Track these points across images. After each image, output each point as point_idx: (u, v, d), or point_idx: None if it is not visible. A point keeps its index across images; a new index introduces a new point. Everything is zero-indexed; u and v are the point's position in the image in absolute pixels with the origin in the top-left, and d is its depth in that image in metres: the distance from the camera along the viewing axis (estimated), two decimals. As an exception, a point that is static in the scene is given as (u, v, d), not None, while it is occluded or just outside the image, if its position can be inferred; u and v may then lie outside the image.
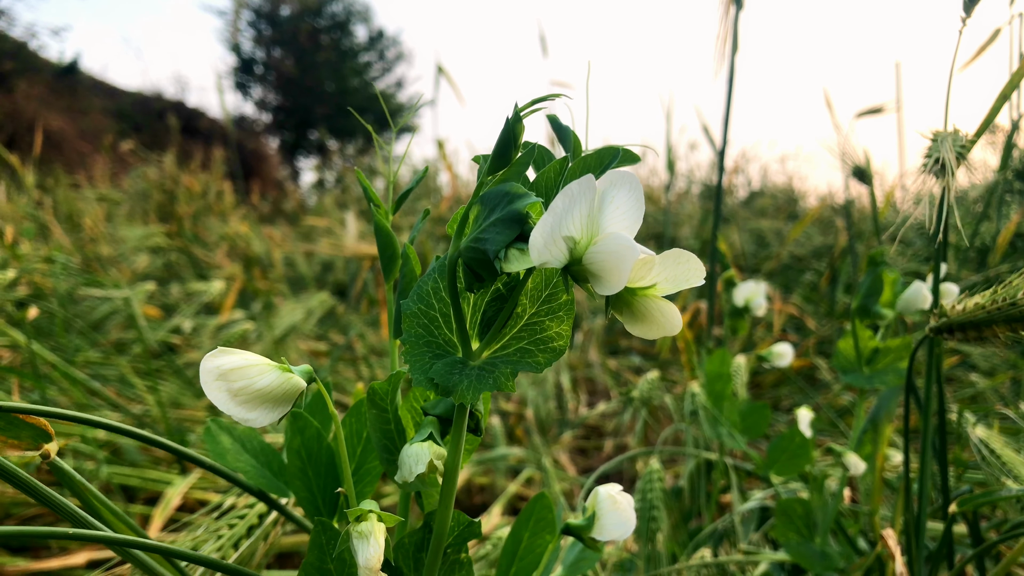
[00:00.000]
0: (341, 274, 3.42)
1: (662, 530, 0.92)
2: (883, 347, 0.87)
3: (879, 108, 1.81)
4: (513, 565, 0.52)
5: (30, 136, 8.19)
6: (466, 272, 0.36)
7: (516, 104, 0.35)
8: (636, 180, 0.33)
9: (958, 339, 0.55)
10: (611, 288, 0.33)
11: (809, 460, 0.94)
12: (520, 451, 1.77)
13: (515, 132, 0.34)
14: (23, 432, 0.40)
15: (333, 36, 16.79)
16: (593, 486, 1.03)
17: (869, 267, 0.84)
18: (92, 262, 2.70)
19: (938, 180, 0.63)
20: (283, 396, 0.37)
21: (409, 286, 0.45)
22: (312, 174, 14.07)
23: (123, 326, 2.24)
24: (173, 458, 1.54)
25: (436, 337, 0.38)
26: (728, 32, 1.15)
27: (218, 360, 0.35)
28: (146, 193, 4.26)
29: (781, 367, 1.09)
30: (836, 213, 3.95)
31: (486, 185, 0.36)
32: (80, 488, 0.43)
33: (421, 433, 0.40)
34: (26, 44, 11.62)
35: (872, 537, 1.02)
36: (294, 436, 0.46)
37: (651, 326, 0.36)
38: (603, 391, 2.44)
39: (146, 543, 0.39)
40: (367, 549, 0.36)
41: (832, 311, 2.65)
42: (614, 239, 0.32)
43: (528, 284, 0.38)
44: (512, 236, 0.33)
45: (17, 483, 0.38)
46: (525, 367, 0.37)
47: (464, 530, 0.41)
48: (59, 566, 1.21)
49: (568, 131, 0.40)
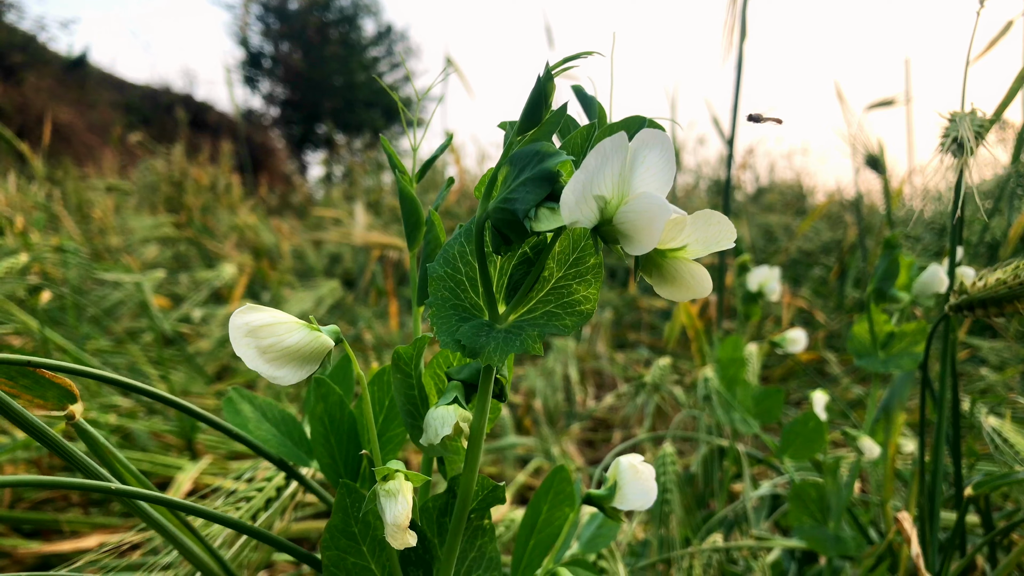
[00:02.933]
0: (349, 264, 3.42)
1: (675, 513, 0.92)
2: (898, 331, 0.86)
3: (890, 100, 1.80)
4: (532, 537, 0.52)
5: (39, 128, 8.20)
6: (494, 234, 0.36)
7: (547, 62, 0.35)
8: (668, 140, 0.33)
9: (978, 315, 0.55)
10: (642, 248, 0.33)
11: (823, 444, 0.94)
12: (529, 441, 1.77)
13: (546, 91, 0.34)
14: (49, 392, 0.40)
15: (341, 30, 16.80)
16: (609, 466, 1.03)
17: (885, 251, 0.84)
18: (102, 252, 2.71)
19: (956, 159, 0.63)
20: (311, 354, 0.37)
21: (434, 252, 0.45)
22: (319, 168, 14.10)
23: (133, 315, 2.24)
24: (183, 444, 1.55)
25: (463, 300, 0.38)
26: (736, 20, 1.14)
27: (247, 316, 0.35)
28: (154, 185, 4.27)
29: (794, 353, 1.08)
30: (844, 208, 3.94)
31: (515, 145, 0.36)
32: (104, 451, 0.44)
33: (446, 397, 0.40)
34: (35, 37, 11.66)
35: (883, 528, 1.02)
36: (317, 402, 0.46)
37: (681, 288, 0.36)
38: (611, 384, 2.44)
39: (173, 500, 0.39)
40: (395, 506, 0.36)
41: (841, 305, 2.64)
42: (646, 198, 0.32)
43: (555, 247, 0.38)
44: (543, 195, 0.33)
45: (45, 440, 0.39)
46: (552, 330, 0.37)
47: (488, 495, 0.41)
48: (71, 549, 1.22)
49: (593, 100, 0.40)
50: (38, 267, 1.97)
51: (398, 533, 0.35)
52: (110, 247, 2.82)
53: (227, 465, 1.50)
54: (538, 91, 0.34)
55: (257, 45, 16.56)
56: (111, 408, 1.56)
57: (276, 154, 13.63)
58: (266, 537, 0.45)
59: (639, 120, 0.38)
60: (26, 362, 0.38)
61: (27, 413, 0.37)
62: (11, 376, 0.39)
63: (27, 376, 0.39)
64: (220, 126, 12.13)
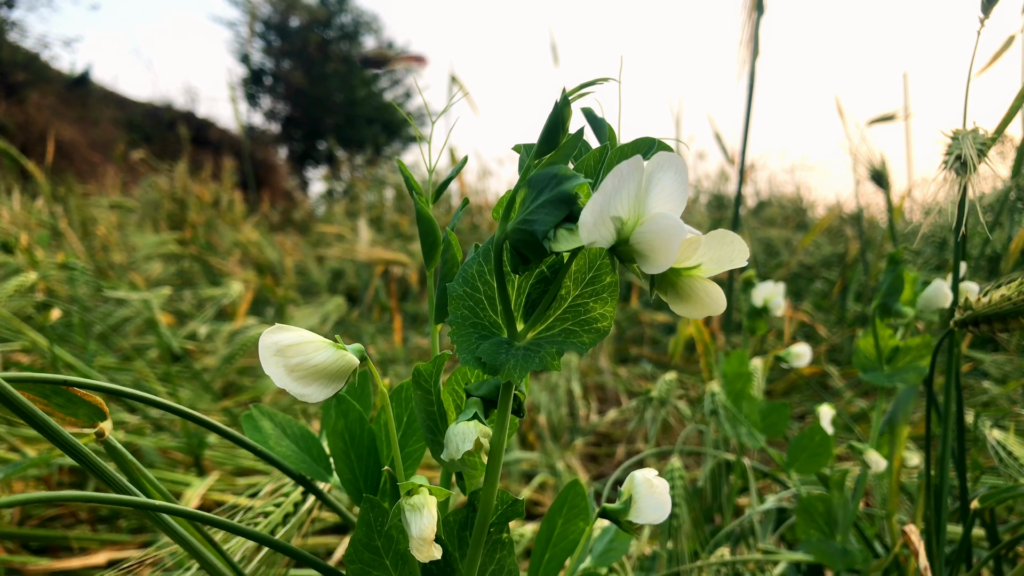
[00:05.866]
0: (352, 280, 3.44)
1: (684, 527, 0.93)
2: (903, 346, 0.87)
3: (891, 115, 1.82)
4: (547, 551, 0.53)
5: (41, 146, 8.24)
6: (512, 254, 0.37)
7: (564, 89, 0.36)
8: (682, 162, 0.34)
9: (983, 331, 0.56)
10: (658, 267, 0.34)
11: (830, 457, 0.94)
12: (534, 456, 1.77)
13: (563, 116, 0.36)
14: (80, 410, 0.41)
15: (342, 47, 16.90)
16: (619, 480, 1.04)
17: (889, 266, 0.85)
18: (105, 269, 2.72)
19: (959, 177, 0.64)
20: (337, 372, 0.38)
21: (451, 271, 0.46)
22: (321, 184, 14.14)
23: (137, 331, 2.25)
24: (191, 460, 1.55)
25: (481, 319, 0.40)
26: (749, 37, 1.16)
27: (276, 336, 0.36)
28: (157, 202, 4.29)
29: (799, 367, 1.09)
30: (845, 223, 3.96)
31: (532, 169, 0.37)
32: (131, 467, 0.45)
33: (466, 413, 0.41)
34: (38, 55, 11.74)
35: (888, 542, 1.02)
36: (338, 419, 0.47)
37: (696, 305, 0.37)
38: (613, 398, 2.44)
39: (208, 517, 0.40)
40: (420, 520, 0.37)
41: (843, 319, 2.65)
42: (662, 219, 0.33)
43: (572, 266, 0.39)
44: (561, 216, 0.34)
45: (80, 458, 0.40)
46: (570, 347, 0.38)
47: (508, 508, 0.42)
48: (80, 565, 1.22)
49: (603, 122, 0.41)
50: (44, 284, 1.99)
51: (424, 546, 0.36)
52: (113, 264, 2.84)
53: (234, 481, 1.50)
54: (555, 116, 0.36)
55: (258, 62, 16.67)
56: (119, 425, 1.57)
57: (278, 170, 13.69)
58: (295, 553, 0.46)
59: (649, 142, 0.39)
60: (62, 381, 0.39)
61: (63, 431, 0.38)
62: (45, 394, 0.40)
63: (60, 394, 0.40)
64: (222, 143, 12.19)
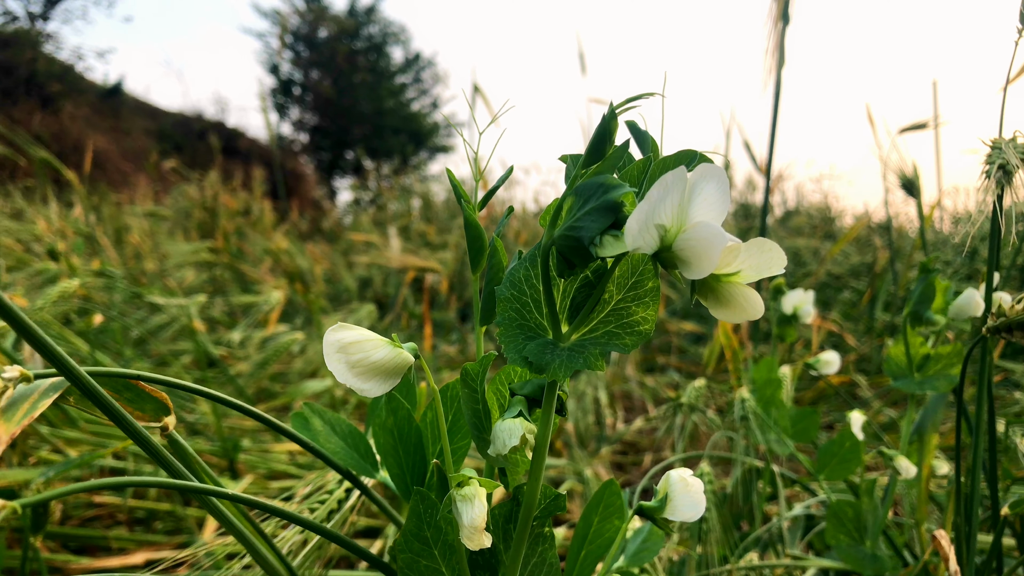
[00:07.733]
0: (379, 288, 3.48)
1: (713, 532, 0.94)
2: (934, 353, 0.88)
3: (923, 124, 1.82)
4: (583, 549, 0.55)
5: (75, 155, 8.41)
6: (559, 259, 0.39)
7: (612, 103, 0.38)
8: (724, 174, 0.36)
9: (1016, 338, 0.57)
10: (699, 273, 0.35)
11: (859, 464, 0.95)
12: (561, 462, 1.79)
13: (610, 129, 0.38)
14: (147, 405, 0.44)
15: (370, 58, 17.05)
16: (646, 488, 1.05)
17: (921, 274, 0.85)
18: (139, 276, 2.78)
19: (998, 186, 0.65)
20: (394, 369, 0.40)
21: (497, 275, 0.48)
22: (348, 193, 14.28)
23: (171, 337, 2.30)
24: (225, 464, 1.58)
25: (528, 320, 0.42)
26: (775, 47, 1.17)
27: (339, 335, 0.39)
28: (188, 211, 4.37)
29: (827, 375, 1.10)
30: (873, 232, 3.93)
31: (580, 178, 0.39)
32: (192, 461, 0.47)
33: (511, 411, 0.43)
34: (72, 67, 11.98)
35: (917, 550, 1.03)
36: (388, 416, 0.49)
37: (735, 310, 0.38)
38: (640, 407, 2.45)
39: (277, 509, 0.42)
40: (472, 510, 0.39)
41: (871, 328, 2.64)
42: (704, 227, 0.35)
43: (616, 271, 0.41)
44: (607, 223, 0.36)
45: (151, 451, 0.42)
46: (613, 348, 0.40)
47: (551, 503, 0.44)
48: (119, 564, 1.25)
49: (646, 135, 0.43)
50: (81, 291, 2.04)
51: (475, 535, 0.38)
52: (146, 271, 2.90)
53: (267, 485, 1.53)
54: (603, 129, 0.38)
55: (287, 73, 16.87)
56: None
57: (306, 180, 13.83)
58: (346, 542, 0.48)
59: (691, 154, 0.41)
60: (135, 376, 0.41)
61: (138, 425, 0.41)
62: (117, 389, 0.42)
63: (130, 389, 0.43)
64: (251, 152, 12.36)
